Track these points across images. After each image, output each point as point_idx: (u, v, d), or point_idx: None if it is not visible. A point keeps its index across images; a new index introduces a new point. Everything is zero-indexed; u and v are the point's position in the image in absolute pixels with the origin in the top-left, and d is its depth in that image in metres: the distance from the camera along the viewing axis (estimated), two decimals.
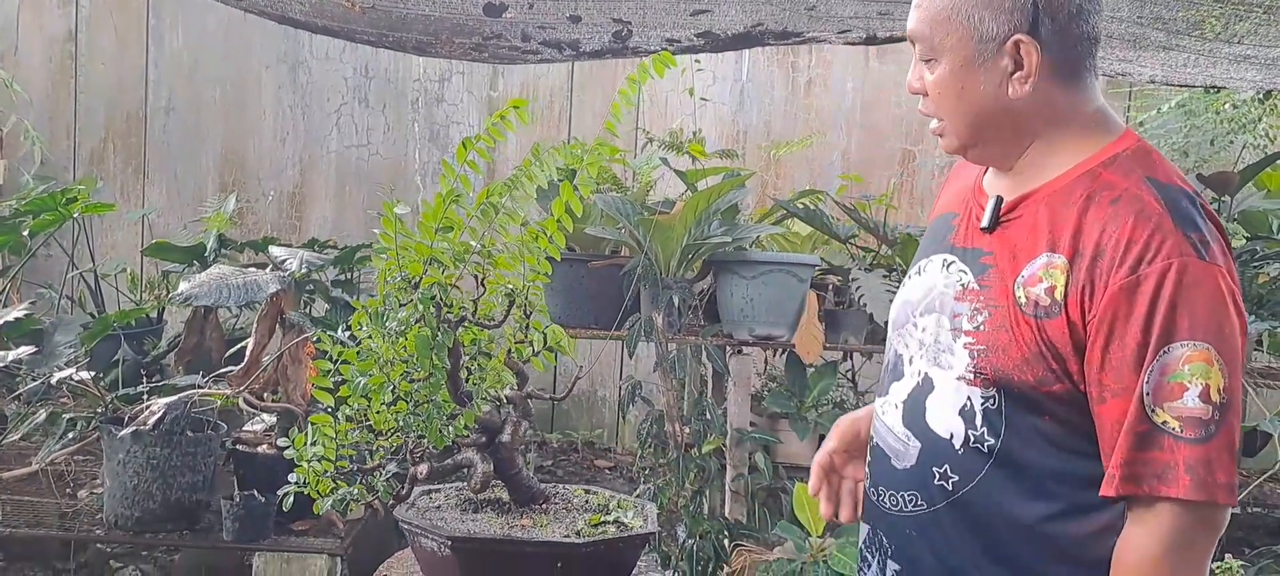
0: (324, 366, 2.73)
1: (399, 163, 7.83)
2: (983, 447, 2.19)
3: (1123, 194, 2.09)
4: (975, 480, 2.21)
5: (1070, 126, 2.20)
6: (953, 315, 2.25)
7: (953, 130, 2.27)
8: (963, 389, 2.21)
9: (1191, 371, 1.98)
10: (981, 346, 2.18)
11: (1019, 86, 2.16)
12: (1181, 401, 1.98)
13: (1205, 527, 2.04)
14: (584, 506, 3.10)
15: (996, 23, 2.14)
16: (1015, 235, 2.20)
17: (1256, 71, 4.98)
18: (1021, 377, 2.13)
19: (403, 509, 2.92)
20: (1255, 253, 5.41)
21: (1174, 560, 2.02)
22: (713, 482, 5.44)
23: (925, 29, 2.22)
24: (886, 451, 2.38)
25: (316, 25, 4.93)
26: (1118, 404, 2.03)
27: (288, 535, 4.96)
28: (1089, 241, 2.07)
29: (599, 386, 7.83)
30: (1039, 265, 2.13)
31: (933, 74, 2.24)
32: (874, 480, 2.43)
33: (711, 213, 5.36)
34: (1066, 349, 2.09)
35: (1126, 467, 2.02)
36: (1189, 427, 1.99)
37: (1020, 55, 2.15)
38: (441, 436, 2.77)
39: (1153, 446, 2.01)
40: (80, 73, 7.79)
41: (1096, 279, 2.05)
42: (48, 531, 5.05)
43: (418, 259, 2.65)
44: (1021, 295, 2.14)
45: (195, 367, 5.61)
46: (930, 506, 2.28)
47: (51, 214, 6.13)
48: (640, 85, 2.75)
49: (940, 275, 2.32)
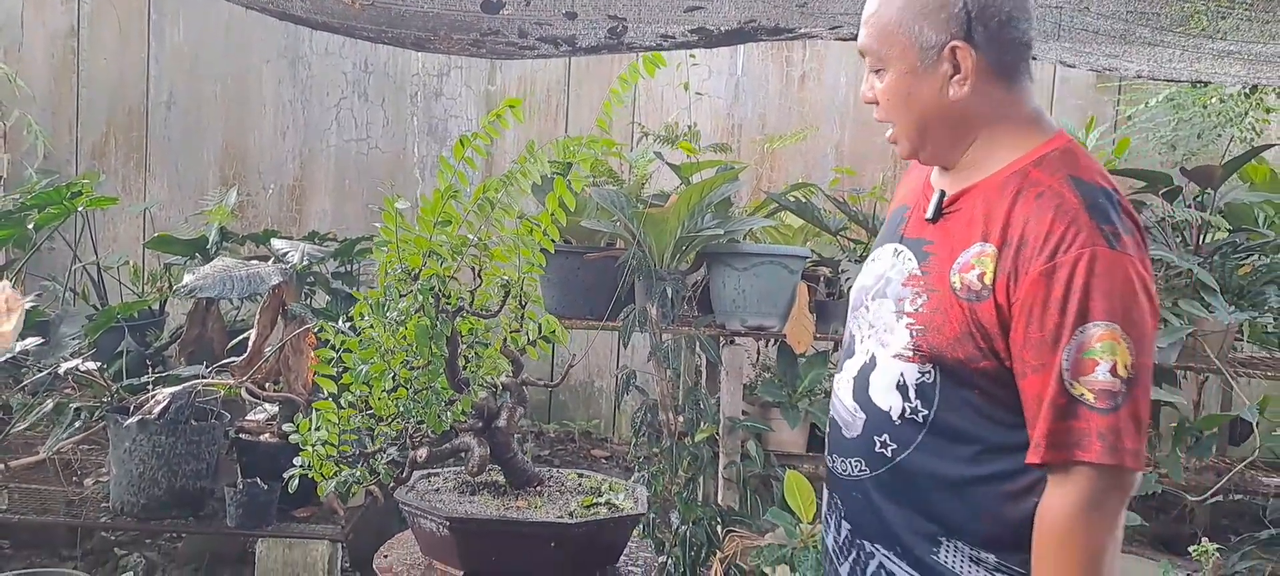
0: (327, 355, 2.82)
1: (398, 156, 7.89)
2: (918, 418, 2.43)
3: (1046, 190, 2.30)
4: (911, 447, 2.44)
5: (1007, 126, 2.43)
6: (897, 299, 2.48)
7: (903, 134, 2.49)
8: (898, 365, 2.45)
9: (1103, 349, 2.18)
10: (920, 326, 2.41)
11: (958, 88, 2.39)
12: (1094, 375, 2.19)
13: (1116, 490, 2.24)
14: (577, 489, 3.19)
15: (935, 32, 2.36)
16: (954, 226, 2.42)
17: (1241, 66, 5.03)
18: (953, 354, 2.35)
19: (403, 491, 3.01)
20: (1237, 245, 5.49)
21: (1089, 518, 2.22)
22: (706, 470, 5.49)
23: (873, 43, 2.46)
24: (840, 422, 2.62)
25: (317, 21, 4.97)
26: (1038, 378, 2.25)
27: (290, 521, 5.04)
28: (1015, 232, 2.29)
29: (596, 377, 7.90)
30: (972, 253, 2.35)
31: (882, 83, 2.46)
32: (830, 448, 2.68)
33: (705, 205, 5.43)
34: (994, 329, 2.30)
35: (1049, 437, 2.23)
36: (1101, 399, 2.19)
37: (957, 60, 2.37)
38: (440, 421, 2.87)
39: (1071, 416, 2.21)
40: (82, 67, 7.85)
41: (1020, 266, 2.26)
42: (55, 518, 5.13)
43: (417, 252, 2.75)
44: (956, 281, 2.36)
45: (197, 358, 5.68)
46: (873, 471, 2.52)
47: (56, 208, 6.19)
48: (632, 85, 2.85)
49: (890, 262, 2.56)
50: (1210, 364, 5.35)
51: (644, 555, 3.32)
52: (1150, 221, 5.56)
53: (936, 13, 2.36)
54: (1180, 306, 5.07)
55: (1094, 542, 2.23)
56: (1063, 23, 4.66)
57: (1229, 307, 5.07)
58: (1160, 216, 5.55)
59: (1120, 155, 6.37)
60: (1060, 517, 2.24)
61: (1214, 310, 5.02)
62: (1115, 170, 5.98)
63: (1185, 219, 5.46)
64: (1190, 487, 5.59)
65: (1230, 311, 5.05)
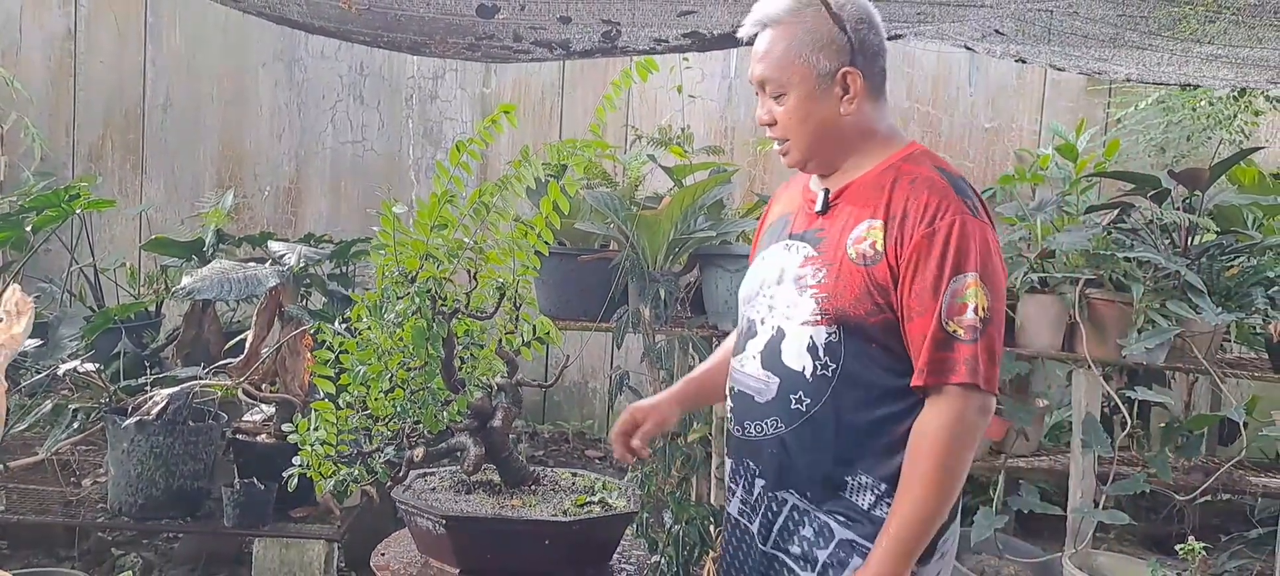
0: (324, 356, 2.86)
1: (393, 158, 7.90)
2: (827, 373, 2.84)
3: (918, 177, 2.82)
4: (823, 399, 2.85)
5: (876, 136, 2.94)
6: (797, 279, 2.91)
7: (797, 148, 2.95)
8: (807, 330, 2.86)
9: (971, 294, 2.70)
10: (825, 293, 2.84)
11: (847, 106, 2.89)
12: (965, 316, 2.70)
13: (976, 410, 2.73)
14: (571, 487, 3.24)
15: (829, 61, 2.86)
16: (841, 214, 2.90)
17: (1229, 70, 5.07)
18: (855, 312, 2.80)
19: (400, 490, 3.05)
20: (1224, 246, 5.52)
21: (954, 430, 2.71)
22: (698, 470, 5.52)
23: (774, 73, 2.91)
24: (749, 392, 3.00)
25: (313, 25, 4.98)
26: (922, 321, 2.74)
27: (286, 521, 5.06)
28: (898, 208, 2.79)
29: (590, 378, 7.94)
30: (863, 227, 2.83)
31: (782, 106, 2.92)
32: (738, 419, 3.05)
33: (698, 208, 5.46)
34: (887, 284, 2.77)
35: (929, 365, 2.73)
36: (967, 333, 2.70)
37: (848, 82, 2.87)
38: (436, 421, 2.92)
39: (946, 348, 2.71)
40: (79, 70, 7.86)
41: (903, 233, 2.76)
42: (52, 518, 5.15)
43: (414, 255, 2.79)
44: (852, 252, 2.82)
45: (193, 359, 5.70)
46: (790, 425, 2.91)
47: (54, 210, 6.20)
48: (625, 89, 2.90)
49: (784, 255, 2.99)
50: (1198, 365, 5.40)
51: (637, 553, 3.37)
52: (1139, 223, 5.60)
53: (828, 46, 2.85)
54: (1168, 308, 5.11)
55: (957, 449, 2.73)
56: (1052, 26, 4.70)
57: (1217, 309, 5.11)
58: (1149, 219, 5.59)
59: (1110, 157, 6.41)
60: (932, 429, 2.72)
61: (1202, 311, 5.06)
62: (1105, 172, 6.02)
63: (1173, 221, 5.50)
64: (1179, 487, 5.63)
65: (1218, 312, 5.09)
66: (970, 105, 7.81)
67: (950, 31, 4.97)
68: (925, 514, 2.73)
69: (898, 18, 4.63)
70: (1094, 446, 5.29)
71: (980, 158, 7.81)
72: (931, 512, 2.74)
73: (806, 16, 2.87)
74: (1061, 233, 5.43)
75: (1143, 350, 5.08)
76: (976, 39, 5.05)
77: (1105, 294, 5.32)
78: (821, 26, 2.85)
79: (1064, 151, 6.04)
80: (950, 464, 2.73)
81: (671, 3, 4.47)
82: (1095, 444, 5.28)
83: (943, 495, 2.74)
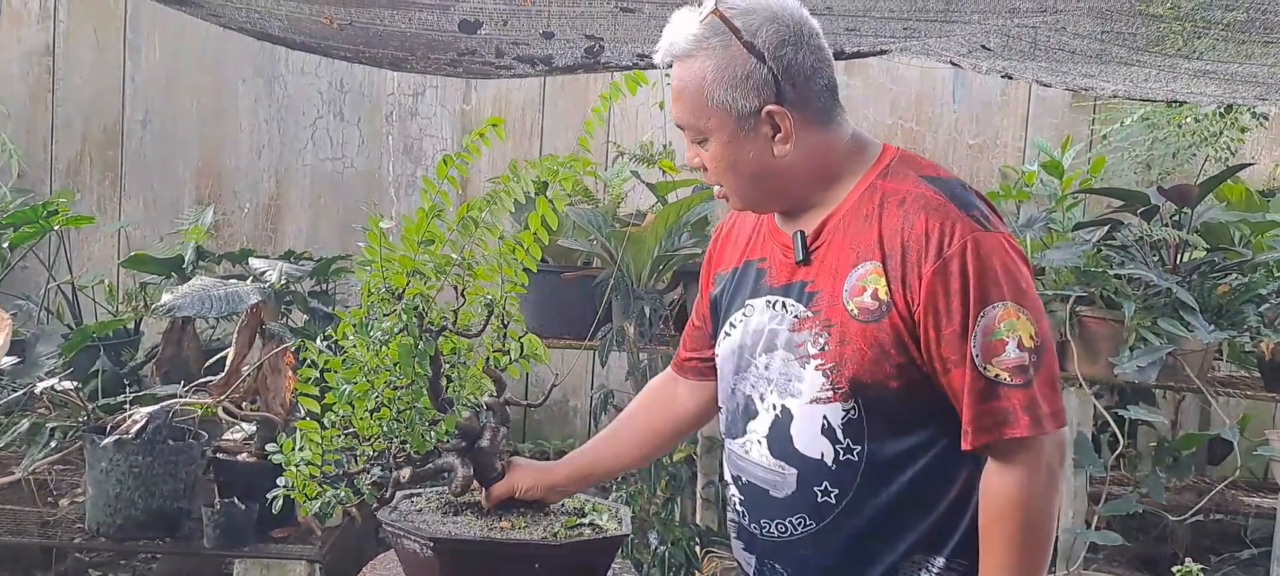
0: (308, 374, 2.80)
1: (373, 175, 7.84)
2: (852, 457, 2.47)
3: (906, 196, 2.42)
4: (854, 486, 2.48)
5: (836, 159, 2.53)
6: (795, 346, 2.52)
7: (736, 193, 2.58)
8: (819, 410, 2.48)
9: (1006, 327, 2.32)
10: (831, 364, 2.46)
11: (782, 147, 2.47)
12: (1005, 355, 2.32)
13: (1051, 455, 2.36)
14: (560, 509, 3.18)
15: (747, 100, 2.43)
16: (827, 258, 2.50)
17: (1217, 86, 5.05)
18: (872, 378, 2.42)
19: (386, 512, 3.00)
20: (1214, 264, 5.50)
21: (1031, 489, 2.34)
22: (684, 490, 5.50)
23: (689, 117, 2.52)
24: (762, 486, 2.62)
25: (294, 41, 4.96)
26: (958, 371, 2.35)
27: (267, 542, 5.01)
28: (894, 243, 2.39)
29: (571, 396, 7.88)
30: (857, 275, 2.43)
31: (706, 152, 2.53)
32: (752, 518, 2.67)
33: (682, 225, 5.44)
34: (904, 338, 2.39)
35: (975, 421, 2.34)
36: (1016, 376, 2.32)
37: (775, 122, 2.45)
38: (423, 441, 2.86)
39: (992, 398, 2.33)
40: (58, 86, 7.80)
41: (908, 272, 2.37)
42: (29, 539, 5.09)
43: (401, 271, 2.73)
44: (852, 307, 2.43)
45: (173, 377, 5.64)
46: (821, 522, 2.53)
47: (32, 227, 6.15)
48: (613, 102, 2.85)
49: (769, 315, 2.60)
50: (1190, 383, 5.37)
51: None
52: (1128, 240, 5.57)
53: (744, 83, 2.43)
54: (1160, 326, 5.08)
55: (1039, 509, 2.36)
56: (1038, 42, 4.67)
57: (1209, 327, 5.09)
58: (1138, 235, 5.56)
59: (1096, 174, 6.39)
60: (1004, 493, 2.36)
61: (1194, 330, 5.03)
62: (1091, 189, 6.00)
63: (1163, 237, 5.47)
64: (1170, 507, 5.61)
65: (1211, 330, 5.07)
66: (954, 122, 7.77)
67: (936, 47, 4.94)
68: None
69: (883, 34, 4.59)
70: (1086, 466, 5.25)
71: (965, 175, 7.68)
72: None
73: (714, 48, 2.45)
74: (1052, 249, 5.41)
75: (1135, 369, 5.05)
76: (963, 54, 5.01)
77: (1096, 311, 5.29)
78: (734, 59, 2.43)
79: (1049, 168, 6.02)
80: (1035, 524, 2.38)
81: (656, 18, 4.43)
82: (1087, 463, 5.25)
83: (1035, 562, 2.39)
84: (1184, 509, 5.53)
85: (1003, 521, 2.37)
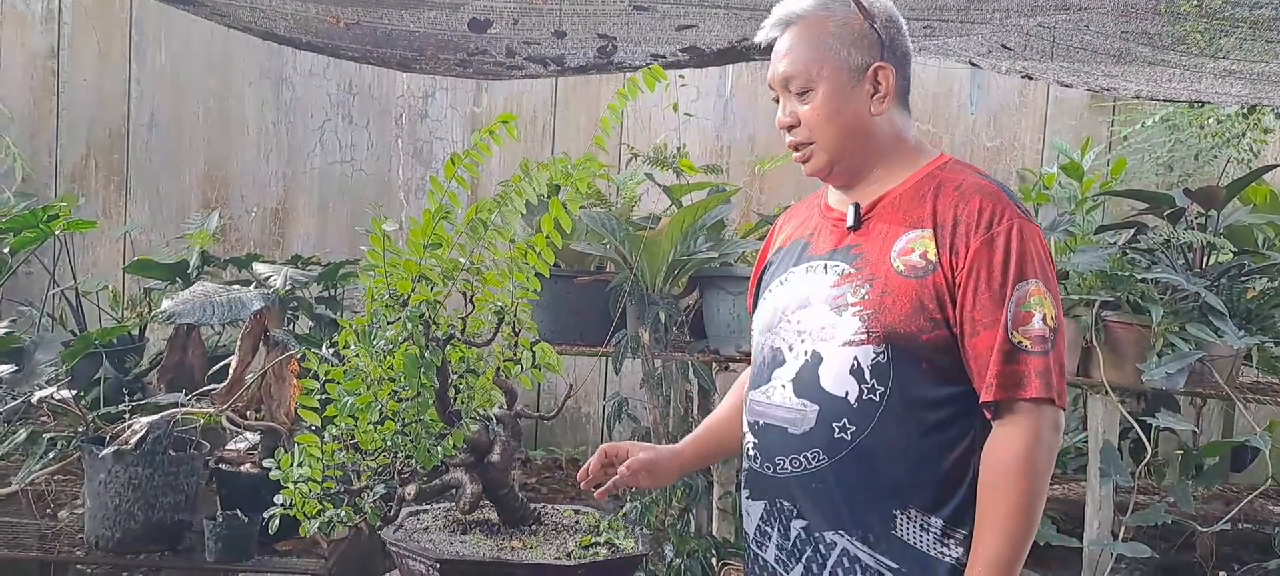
0: (310, 385, 2.70)
1: (383, 179, 7.79)
2: (875, 397, 2.68)
3: (963, 183, 2.72)
4: (870, 426, 2.68)
5: (904, 145, 2.82)
6: (832, 299, 2.75)
7: (825, 149, 2.79)
8: (850, 351, 2.69)
9: (1036, 302, 2.59)
10: (870, 310, 2.68)
11: (878, 105, 2.77)
12: (1031, 325, 2.58)
13: (1051, 427, 2.60)
14: (574, 527, 3.07)
15: (860, 54, 2.74)
16: (877, 228, 2.77)
17: (1242, 86, 4.98)
18: (905, 329, 2.65)
19: (390, 530, 2.89)
20: (1243, 266, 5.39)
21: (1034, 452, 2.57)
22: (700, 500, 5.41)
23: (799, 68, 2.78)
24: (779, 425, 2.81)
25: (301, 41, 4.90)
26: (988, 334, 2.60)
27: (271, 555, 4.90)
28: (947, 216, 2.67)
29: (583, 403, 7.80)
30: (906, 239, 2.70)
31: (807, 105, 2.78)
32: (767, 455, 2.86)
33: (697, 228, 5.35)
34: (943, 297, 2.63)
35: (998, 379, 2.58)
36: (1036, 344, 2.58)
37: (879, 79, 2.76)
38: (430, 456, 2.75)
39: (1014, 361, 2.57)
40: (62, 89, 7.74)
41: (957, 241, 2.63)
42: (26, 553, 4.99)
43: (406, 276, 2.62)
44: (899, 264, 2.68)
45: (177, 385, 5.56)
46: (833, 457, 2.72)
47: (33, 231, 6.08)
48: (629, 99, 2.76)
49: (808, 278, 2.84)
50: (1219, 390, 5.25)
51: None
52: (1154, 243, 5.47)
53: (860, 39, 2.74)
54: (1188, 331, 4.96)
55: (1038, 473, 2.58)
56: (1058, 41, 4.61)
57: (1239, 332, 4.97)
58: (1165, 238, 5.44)
59: (1117, 176, 6.32)
60: (1009, 452, 2.58)
61: (1223, 335, 4.91)
62: (1114, 191, 5.91)
63: (1189, 240, 5.36)
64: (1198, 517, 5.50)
65: (1240, 336, 4.95)
66: (971, 124, 7.70)
67: (956, 46, 4.87)
68: (1014, 548, 2.58)
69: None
70: (1112, 475, 5.14)
71: None
72: (1019, 546, 2.59)
73: (836, 11, 2.76)
74: (1076, 253, 5.29)
75: (1164, 375, 4.93)
76: (982, 54, 4.95)
77: (1122, 317, 5.17)
78: (852, 22, 2.75)
79: (1069, 170, 5.95)
80: (1034, 487, 2.59)
81: (669, 17, 4.39)
82: (1114, 473, 5.13)
83: (1028, 524, 2.60)
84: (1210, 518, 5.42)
85: (1006, 481, 2.58)
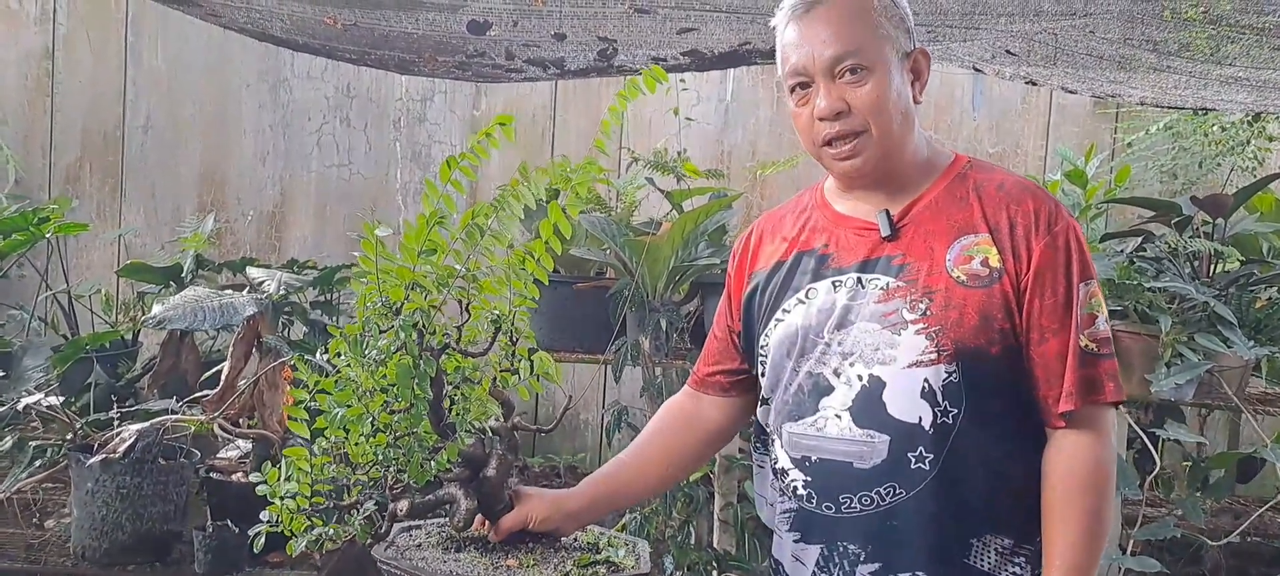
0: (299, 396, 2.62)
1: (380, 182, 7.76)
2: (949, 419, 2.50)
3: (1003, 182, 2.59)
4: (944, 453, 2.50)
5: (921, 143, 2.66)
6: (883, 316, 2.55)
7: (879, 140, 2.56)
8: (919, 373, 2.51)
9: (1096, 303, 2.50)
10: (936, 327, 2.50)
11: (918, 92, 2.61)
12: (1095, 327, 2.49)
13: (1112, 424, 2.55)
14: (572, 544, 2.99)
15: (906, 39, 2.58)
16: (918, 234, 2.59)
17: (1247, 93, 4.96)
18: (976, 343, 2.49)
19: (381, 547, 2.81)
20: (1252, 275, 5.32)
21: (1109, 454, 2.49)
22: (701, 512, 5.35)
23: (854, 45, 2.53)
24: (842, 459, 2.59)
25: (298, 43, 4.87)
26: (1057, 340, 2.47)
27: (262, 566, 4.86)
28: (1001, 219, 2.53)
29: (582, 410, 7.74)
30: (961, 245, 2.54)
31: (861, 88, 2.54)
32: (827, 494, 2.62)
33: (699, 234, 5.30)
34: (1011, 304, 2.49)
35: (1077, 386, 2.45)
36: (1103, 346, 2.48)
37: (918, 65, 2.61)
38: (423, 471, 2.67)
39: (1088, 365, 2.46)
40: (57, 90, 7.70)
41: (1018, 244, 2.50)
42: (12, 564, 4.94)
43: (399, 283, 2.54)
44: (960, 274, 2.52)
45: (170, 391, 5.51)
46: (912, 490, 2.53)
47: (23, 234, 6.04)
48: (629, 101, 2.67)
49: (836, 294, 2.62)
50: (1228, 401, 5.18)
51: None
52: (1161, 252, 5.40)
53: (902, 21, 2.59)
54: (1196, 341, 4.89)
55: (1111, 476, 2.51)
56: (1062, 47, 4.59)
57: (1249, 342, 4.90)
58: (1172, 247, 5.38)
59: (1121, 183, 6.28)
60: (1091, 460, 2.47)
61: (1233, 345, 4.84)
62: (1119, 199, 5.87)
63: (1196, 249, 5.30)
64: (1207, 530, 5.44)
65: (1250, 346, 4.88)
66: (974, 130, 7.66)
67: (959, 51, 4.84)
68: (1094, 557, 2.47)
69: None
70: (1122, 488, 5.07)
71: None
72: (1098, 552, 2.48)
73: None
74: None
75: (1173, 386, 4.85)
76: (986, 60, 4.93)
77: (1130, 326, 5.09)
78: (894, 3, 2.59)
79: (1073, 177, 5.88)
80: (1110, 491, 2.51)
81: (671, 20, 4.35)
82: (1124, 485, 5.06)
83: (1105, 529, 2.49)
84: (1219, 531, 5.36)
85: (1086, 488, 2.46)
